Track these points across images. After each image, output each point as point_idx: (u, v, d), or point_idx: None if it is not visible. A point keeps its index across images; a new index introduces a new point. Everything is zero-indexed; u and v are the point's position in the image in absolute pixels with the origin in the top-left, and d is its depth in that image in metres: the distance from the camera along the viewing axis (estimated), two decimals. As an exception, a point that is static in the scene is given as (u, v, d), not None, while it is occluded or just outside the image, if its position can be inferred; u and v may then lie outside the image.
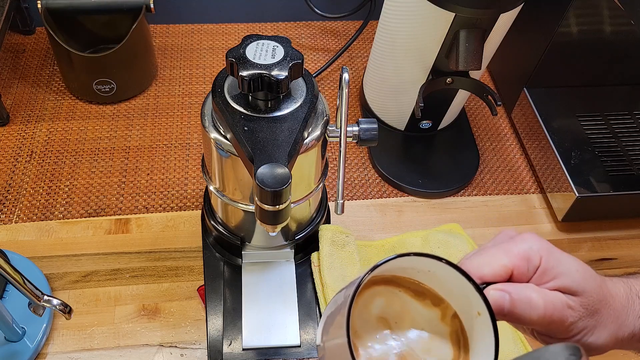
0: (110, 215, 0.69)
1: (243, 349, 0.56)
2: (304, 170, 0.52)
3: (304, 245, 0.63)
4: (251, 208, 0.54)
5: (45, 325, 0.57)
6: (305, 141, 0.48)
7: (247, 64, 0.43)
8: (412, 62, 0.67)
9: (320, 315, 0.59)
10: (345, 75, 0.48)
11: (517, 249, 0.32)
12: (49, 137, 0.77)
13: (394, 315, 0.33)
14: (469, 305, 0.31)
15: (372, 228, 0.70)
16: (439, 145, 0.79)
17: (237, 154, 0.46)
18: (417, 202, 0.73)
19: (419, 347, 0.32)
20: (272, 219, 0.42)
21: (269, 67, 0.43)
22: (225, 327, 0.58)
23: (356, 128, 0.50)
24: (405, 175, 0.74)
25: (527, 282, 0.32)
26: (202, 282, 0.62)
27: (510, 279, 0.31)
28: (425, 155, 0.78)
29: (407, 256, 0.30)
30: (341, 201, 0.51)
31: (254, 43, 0.45)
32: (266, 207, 0.41)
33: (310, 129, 0.48)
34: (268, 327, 0.58)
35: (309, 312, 0.59)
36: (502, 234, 0.34)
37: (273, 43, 0.45)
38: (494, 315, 0.29)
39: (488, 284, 0.31)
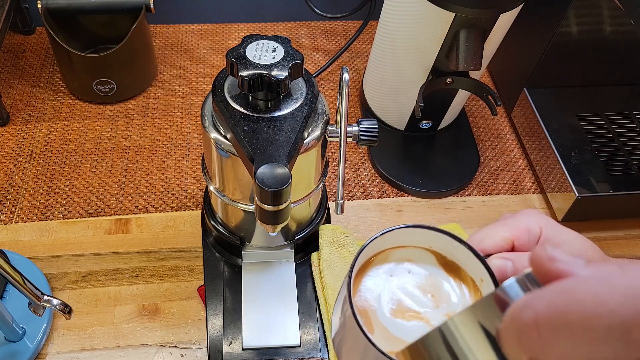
0: (110, 215, 0.69)
1: (243, 349, 0.56)
2: (304, 170, 0.52)
3: (304, 245, 0.63)
4: (251, 208, 0.54)
5: (45, 325, 0.57)
6: (305, 141, 0.48)
7: (247, 64, 0.43)
8: (412, 62, 0.67)
9: (320, 315, 0.59)
10: (345, 75, 0.48)
11: (517, 222, 0.32)
12: (49, 137, 0.77)
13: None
14: (473, 275, 0.31)
15: (372, 228, 0.70)
16: (439, 145, 0.79)
17: (237, 154, 0.46)
18: (417, 202, 0.73)
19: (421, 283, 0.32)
20: (272, 219, 0.42)
21: (269, 67, 0.43)
22: (225, 327, 0.58)
23: (356, 128, 0.50)
24: (405, 175, 0.74)
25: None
26: (202, 282, 0.62)
27: (512, 251, 0.32)
28: (425, 155, 0.78)
29: (405, 228, 0.30)
30: (341, 201, 0.51)
31: (254, 43, 0.45)
32: (266, 207, 0.41)
33: (310, 129, 0.48)
34: (268, 327, 0.58)
35: (309, 312, 0.59)
36: (503, 215, 0.35)
37: (273, 43, 0.45)
38: (497, 282, 0.29)
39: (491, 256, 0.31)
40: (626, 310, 0.14)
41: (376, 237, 0.30)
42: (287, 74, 0.43)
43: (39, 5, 0.75)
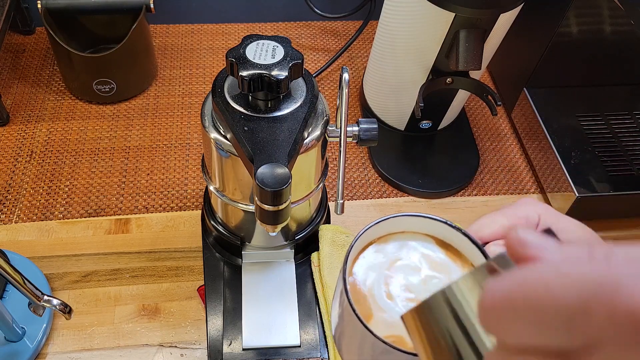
0: (110, 215, 0.69)
1: (243, 349, 0.56)
2: (304, 170, 0.52)
3: (304, 245, 0.63)
4: (251, 208, 0.54)
5: (45, 325, 0.57)
6: (305, 141, 0.48)
7: (247, 64, 0.43)
8: (412, 62, 0.67)
9: (320, 315, 0.59)
10: (345, 75, 0.48)
11: (515, 210, 0.32)
12: (49, 137, 0.77)
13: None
14: (472, 261, 0.32)
15: (372, 228, 0.70)
16: (439, 145, 0.79)
17: (237, 154, 0.46)
18: (417, 202, 0.73)
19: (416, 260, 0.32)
20: (272, 219, 0.42)
21: (269, 67, 0.43)
22: (225, 327, 0.58)
23: (356, 128, 0.50)
24: (405, 175, 0.74)
25: None
26: (202, 282, 0.62)
27: None
28: (425, 155, 0.78)
29: (402, 217, 0.30)
30: (341, 201, 0.51)
31: (254, 43, 0.45)
32: (266, 207, 0.41)
33: (310, 129, 0.48)
34: (268, 327, 0.58)
35: (309, 312, 0.59)
36: (502, 207, 0.35)
37: (273, 43, 0.45)
38: None
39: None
40: (571, 298, 0.15)
41: (372, 225, 0.30)
42: (287, 74, 0.43)
43: (39, 5, 0.75)
